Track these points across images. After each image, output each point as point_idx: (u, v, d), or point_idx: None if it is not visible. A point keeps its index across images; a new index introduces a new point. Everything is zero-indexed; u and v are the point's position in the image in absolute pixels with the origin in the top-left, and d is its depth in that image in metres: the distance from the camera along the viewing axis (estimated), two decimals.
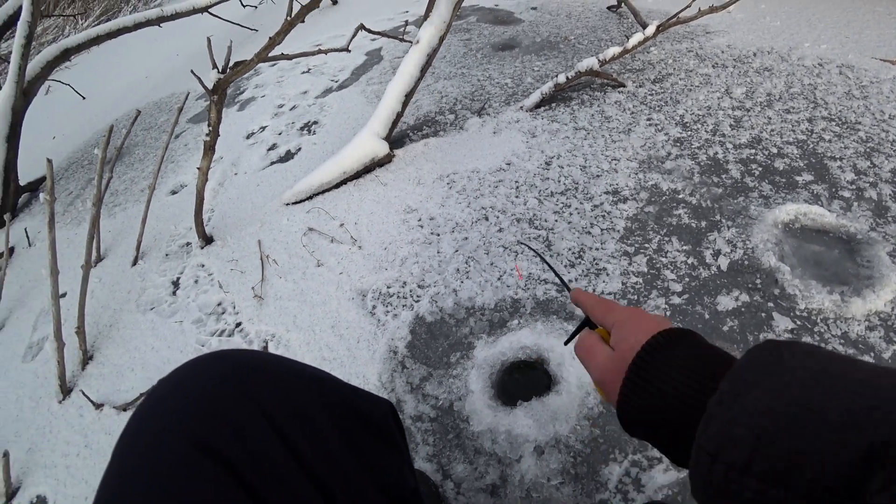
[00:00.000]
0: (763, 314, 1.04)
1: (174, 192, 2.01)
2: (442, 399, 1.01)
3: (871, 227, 1.18)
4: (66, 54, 2.42)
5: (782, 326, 1.01)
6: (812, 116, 1.55)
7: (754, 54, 1.93)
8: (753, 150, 1.45)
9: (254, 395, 0.39)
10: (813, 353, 0.29)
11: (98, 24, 5.03)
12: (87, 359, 1.37)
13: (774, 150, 1.44)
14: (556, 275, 0.61)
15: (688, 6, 1.85)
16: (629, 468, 0.85)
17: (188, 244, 1.65)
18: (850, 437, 0.23)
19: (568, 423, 0.92)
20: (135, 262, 1.66)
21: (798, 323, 1.01)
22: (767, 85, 1.73)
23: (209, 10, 2.77)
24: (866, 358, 0.94)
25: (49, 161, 1.36)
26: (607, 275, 1.16)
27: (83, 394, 1.24)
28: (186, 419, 0.37)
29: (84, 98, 3.65)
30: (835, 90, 1.66)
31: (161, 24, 2.60)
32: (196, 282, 1.49)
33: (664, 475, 0.84)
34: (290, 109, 2.30)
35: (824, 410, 0.25)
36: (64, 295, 1.59)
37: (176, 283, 1.52)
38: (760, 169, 1.38)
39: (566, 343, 0.54)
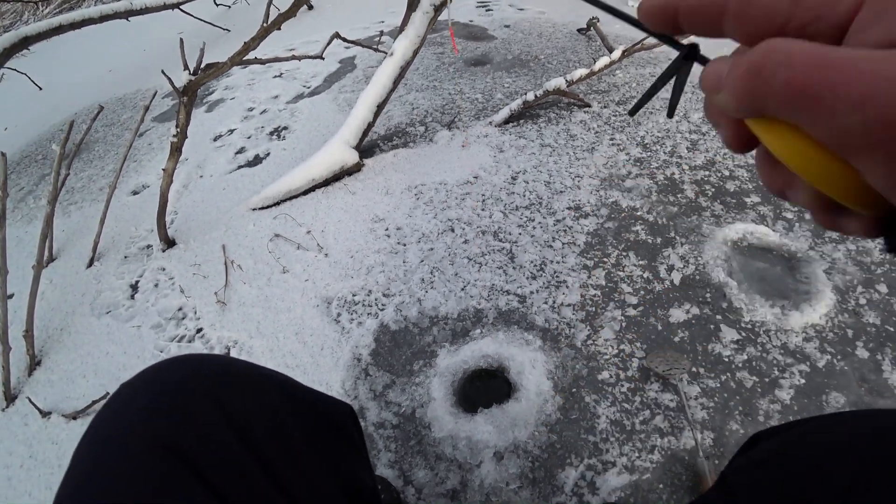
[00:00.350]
0: (711, 326, 1.10)
1: (136, 193, 1.95)
2: (405, 406, 1.02)
3: (810, 246, 1.27)
4: (24, 42, 2.31)
5: (729, 338, 1.07)
6: None
7: None
8: (707, 172, 1.53)
9: (219, 397, 0.40)
10: None
11: (60, 12, 4.85)
12: (34, 364, 1.31)
13: (726, 173, 1.53)
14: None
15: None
16: (584, 472, 0.89)
17: (149, 247, 1.61)
18: None
19: (526, 429, 0.94)
20: (90, 264, 1.60)
21: (743, 335, 1.07)
22: None
23: (180, 6, 2.72)
24: (802, 367, 1.01)
25: (2, 154, 1.31)
26: (567, 287, 1.21)
27: (29, 401, 1.19)
28: (153, 420, 0.37)
29: (41, 89, 3.50)
30: None
31: (129, 18, 2.53)
32: (156, 285, 1.46)
33: (617, 478, 0.87)
34: (261, 113, 2.29)
35: None
36: (11, 296, 1.52)
37: (134, 287, 1.48)
38: (713, 190, 1.46)
39: (669, 115, 0.30)
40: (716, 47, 1.63)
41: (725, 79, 0.19)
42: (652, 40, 1.94)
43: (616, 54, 1.88)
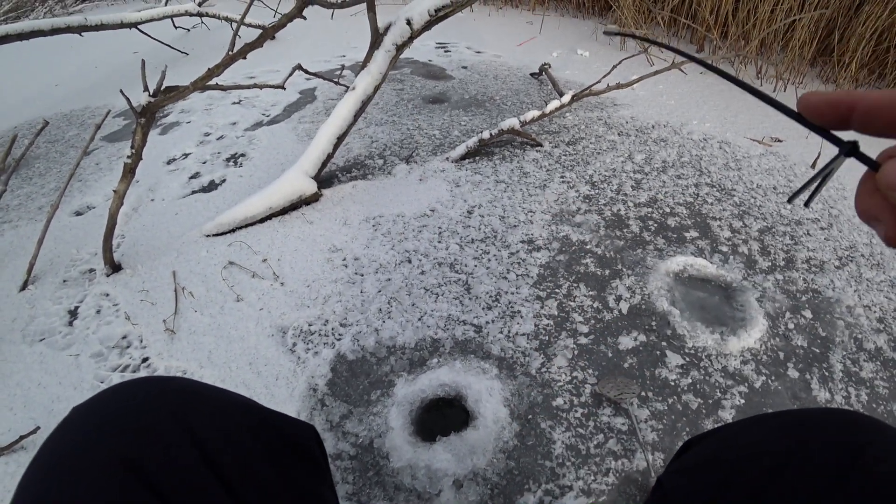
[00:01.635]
0: (658, 352, 1.17)
1: (79, 214, 1.86)
2: (362, 436, 1.01)
3: (744, 276, 1.38)
4: None
5: (674, 363, 1.14)
6: (698, 182, 1.80)
7: (653, 126, 2.21)
8: (650, 209, 1.65)
9: (181, 415, 0.39)
10: None
11: (6, 20, 4.62)
12: None
13: (668, 210, 1.64)
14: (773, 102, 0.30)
15: (599, 81, 2.10)
16: (542, 497, 0.91)
17: (91, 271, 1.53)
18: None
19: (485, 456, 0.96)
20: (24, 287, 1.50)
21: (687, 359, 1.15)
22: (663, 153, 1.99)
23: (138, 26, 2.67)
24: (741, 388, 1.09)
25: None
26: (521, 317, 1.25)
27: None
28: (109, 437, 0.35)
29: None
30: (716, 161, 1.95)
31: (82, 34, 2.45)
32: (98, 312, 1.39)
33: (575, 501, 0.90)
34: (218, 139, 2.25)
35: None
36: None
37: (74, 313, 1.40)
38: (656, 225, 1.57)
39: (807, 204, 0.30)
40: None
41: None
42: (599, 87, 2.09)
43: (566, 98, 2.00)
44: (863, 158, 0.24)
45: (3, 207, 1.96)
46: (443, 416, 1.05)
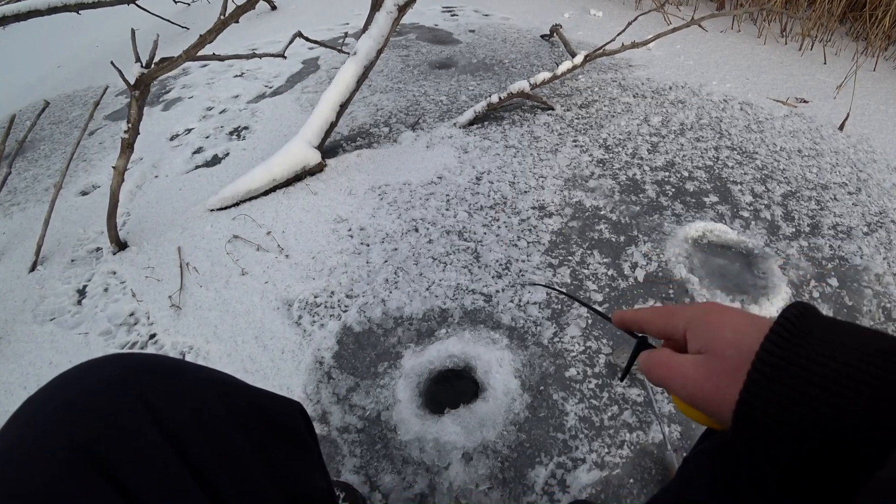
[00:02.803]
0: None
1: (85, 193, 1.85)
2: (369, 409, 0.99)
3: (766, 243, 1.31)
4: None
5: None
6: (718, 145, 1.71)
7: (670, 88, 2.10)
8: (668, 173, 1.57)
9: (146, 397, 0.36)
10: None
11: (2, 1, 4.58)
12: None
13: (686, 174, 1.57)
14: (592, 309, 0.52)
15: (612, 40, 1.99)
16: (554, 470, 0.88)
17: (98, 249, 1.53)
18: None
19: (495, 428, 0.93)
20: (33, 268, 1.50)
21: None
22: (681, 115, 1.89)
23: (136, 2, 2.61)
24: None
25: None
26: (533, 285, 1.21)
27: None
28: (70, 421, 0.33)
29: None
30: (737, 123, 1.85)
31: (80, 12, 2.41)
32: (106, 290, 1.38)
33: (588, 475, 0.87)
34: (220, 113, 2.21)
35: None
36: None
37: (82, 292, 1.40)
38: (673, 190, 1.50)
39: (622, 378, 0.46)
40: None
41: (649, 371, 0.37)
42: (613, 46, 1.99)
43: (578, 59, 1.91)
44: (649, 346, 0.42)
45: (10, 190, 1.96)
46: (452, 388, 1.02)
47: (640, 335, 0.42)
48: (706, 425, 0.37)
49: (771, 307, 1.14)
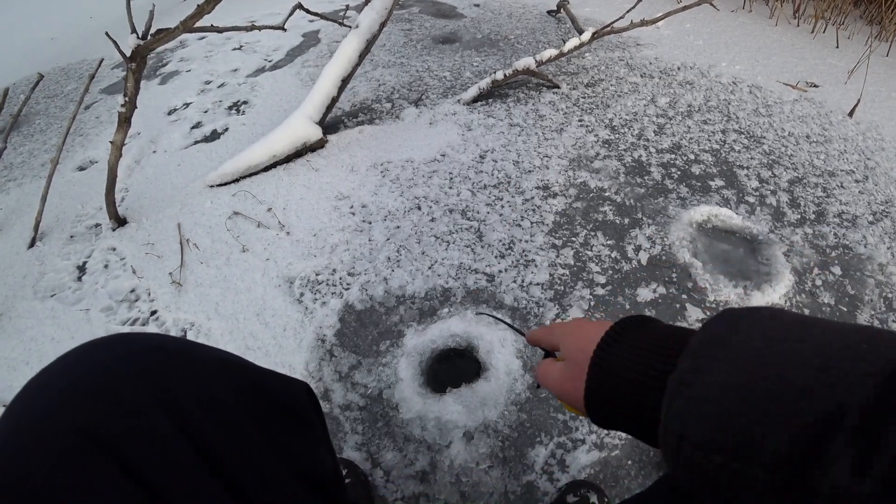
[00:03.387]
0: (677, 305, 1.11)
1: (82, 169, 1.83)
2: (371, 387, 0.99)
3: (771, 229, 1.30)
4: None
5: (694, 316, 1.09)
6: (725, 128, 1.69)
7: (678, 68, 2.06)
8: (674, 156, 1.55)
9: (152, 377, 0.36)
10: (774, 318, 0.29)
11: None
12: None
13: (692, 157, 1.55)
14: (510, 326, 0.65)
15: (621, 17, 1.95)
16: (554, 450, 0.89)
17: (97, 225, 1.51)
18: (802, 405, 0.23)
19: (496, 408, 0.93)
20: (32, 244, 1.49)
21: (708, 313, 1.09)
22: (688, 97, 1.86)
23: None
24: None
25: None
26: (535, 266, 1.20)
27: None
28: (72, 403, 0.32)
29: None
30: (745, 107, 1.82)
31: None
32: (106, 266, 1.37)
33: (587, 455, 0.88)
34: (219, 87, 2.17)
35: (778, 381, 0.25)
36: None
37: (82, 268, 1.39)
38: (679, 173, 1.48)
39: (537, 387, 0.56)
40: None
41: (538, 377, 0.46)
42: (622, 24, 1.94)
43: (586, 36, 1.87)
44: (552, 356, 0.50)
45: (6, 165, 1.93)
46: (454, 367, 1.02)
47: (546, 350, 0.51)
48: (578, 414, 0.50)
49: (774, 294, 1.14)
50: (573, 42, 1.85)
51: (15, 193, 1.76)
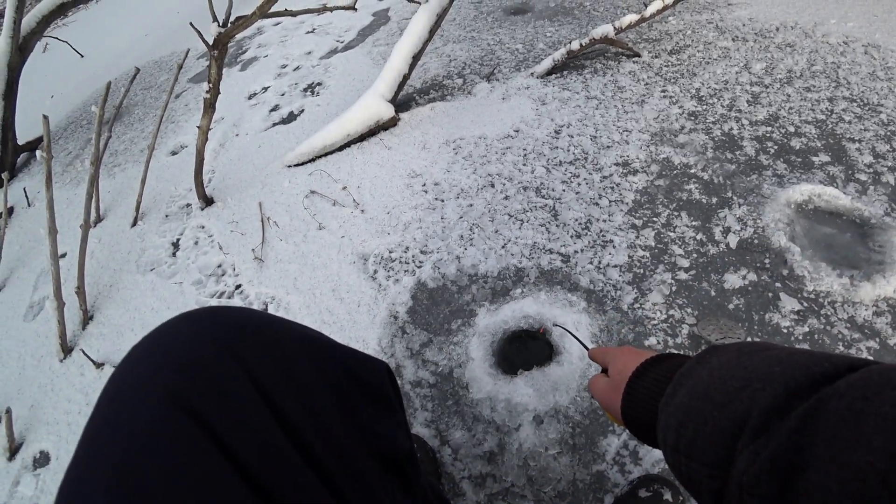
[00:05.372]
0: (770, 294, 1.02)
1: (174, 153, 1.97)
2: (442, 365, 1.00)
3: (886, 211, 1.14)
4: (62, 9, 2.34)
5: (789, 307, 0.99)
6: (833, 96, 1.50)
7: (777, 29, 1.86)
8: (770, 128, 1.41)
9: (239, 353, 0.37)
10: (739, 350, 0.36)
11: None
12: (87, 318, 1.36)
13: (792, 129, 1.39)
14: (578, 340, 0.77)
15: None
16: (627, 441, 0.85)
17: (188, 205, 1.63)
18: (723, 413, 0.31)
19: (568, 393, 0.91)
20: (134, 223, 1.64)
21: (805, 305, 0.99)
22: (789, 61, 1.67)
23: None
24: (871, 343, 0.93)
25: (45, 118, 1.32)
26: (613, 247, 1.14)
27: (83, 353, 1.24)
28: (163, 373, 0.34)
29: (82, 56, 3.56)
30: (859, 70, 1.60)
31: None
32: (196, 243, 1.48)
33: None
34: (294, 70, 2.25)
35: (713, 396, 0.33)
36: (64, 255, 1.57)
37: (176, 245, 1.50)
38: (776, 147, 1.34)
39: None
40: None
41: (589, 387, 0.61)
42: None
43: None
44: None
45: (112, 152, 2.13)
46: (525, 349, 1.00)
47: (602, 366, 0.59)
48: (616, 423, 0.59)
49: (887, 286, 1.00)
50: (656, 5, 1.71)
51: (120, 178, 1.93)
